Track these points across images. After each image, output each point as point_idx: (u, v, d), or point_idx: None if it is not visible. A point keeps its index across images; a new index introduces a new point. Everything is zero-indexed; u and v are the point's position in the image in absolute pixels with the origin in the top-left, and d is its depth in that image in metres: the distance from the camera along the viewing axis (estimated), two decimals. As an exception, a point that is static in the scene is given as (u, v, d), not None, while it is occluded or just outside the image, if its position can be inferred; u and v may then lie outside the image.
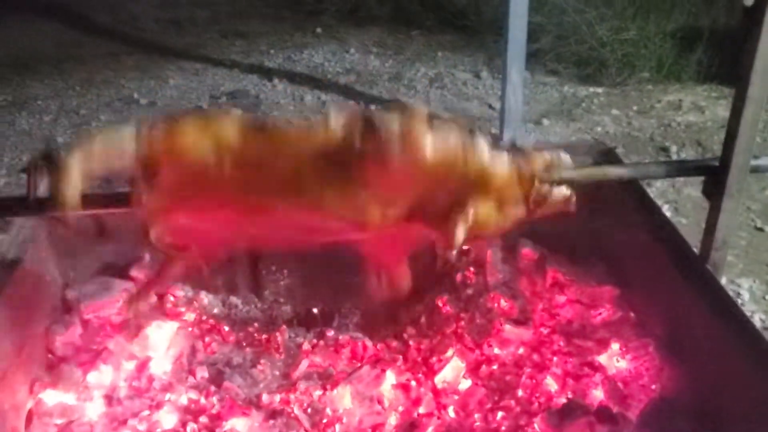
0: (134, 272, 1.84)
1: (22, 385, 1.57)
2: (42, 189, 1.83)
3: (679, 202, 3.35)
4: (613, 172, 1.51)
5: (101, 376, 1.63)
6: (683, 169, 1.52)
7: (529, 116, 4.13)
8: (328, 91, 4.54)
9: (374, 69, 4.87)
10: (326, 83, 4.65)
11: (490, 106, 4.33)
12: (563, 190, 1.33)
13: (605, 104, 4.35)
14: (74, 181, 1.22)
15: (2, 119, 4.18)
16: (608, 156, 1.88)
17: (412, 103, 1.31)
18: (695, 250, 1.61)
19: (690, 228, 3.18)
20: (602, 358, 1.65)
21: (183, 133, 1.21)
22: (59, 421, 1.53)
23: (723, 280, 1.71)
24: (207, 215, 1.27)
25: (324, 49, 5.16)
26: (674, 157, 3.82)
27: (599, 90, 4.50)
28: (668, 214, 3.19)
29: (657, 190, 3.35)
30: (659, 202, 3.19)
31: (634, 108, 4.30)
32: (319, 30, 5.48)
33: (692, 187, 3.40)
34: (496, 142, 1.28)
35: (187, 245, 1.33)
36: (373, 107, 4.30)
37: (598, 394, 1.57)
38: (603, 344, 1.66)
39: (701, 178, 1.47)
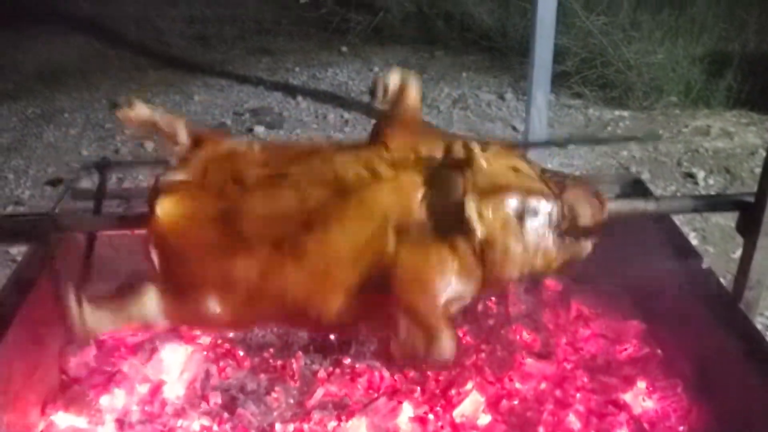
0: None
1: (34, 407, 1.55)
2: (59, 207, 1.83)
3: (706, 230, 3.28)
4: (643, 206, 1.47)
5: (114, 399, 1.60)
6: (716, 204, 1.47)
7: (553, 139, 4.08)
8: (351, 109, 4.53)
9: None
10: (349, 102, 4.65)
11: (514, 128, 4.29)
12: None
13: (631, 128, 4.29)
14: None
15: (30, 131, 4.23)
16: (636, 187, 1.83)
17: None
18: (722, 279, 1.56)
19: (718, 257, 3.11)
20: (627, 397, 1.59)
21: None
22: (70, 446, 1.51)
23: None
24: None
25: (348, 68, 5.17)
26: (701, 183, 3.75)
27: (625, 113, 4.44)
28: (695, 242, 3.12)
29: (684, 217, 3.28)
30: (686, 230, 3.12)
31: (661, 133, 4.23)
32: (344, 48, 5.49)
33: (720, 215, 3.32)
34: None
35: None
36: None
37: (622, 435, 1.51)
38: (628, 382, 1.61)
39: (730, 205, 1.42)
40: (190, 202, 1.26)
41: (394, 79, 1.34)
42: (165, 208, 1.25)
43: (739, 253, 3.28)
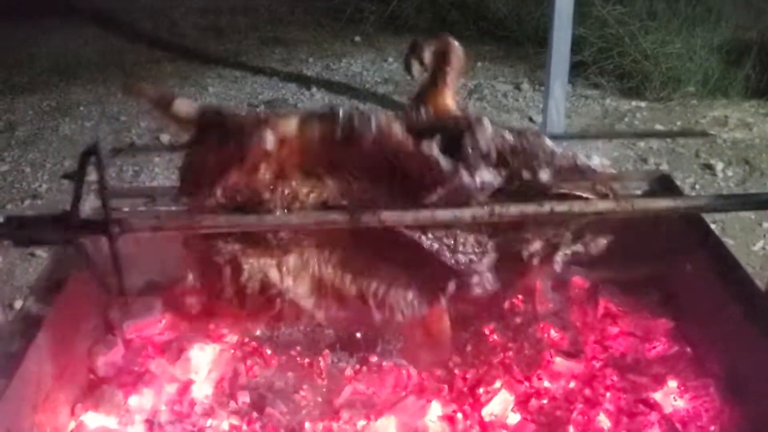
0: (177, 292, 1.82)
1: (64, 407, 1.56)
2: (86, 207, 1.82)
3: (726, 222, 3.25)
4: (672, 204, 1.45)
5: (142, 399, 1.61)
6: (749, 203, 1.44)
7: (570, 130, 4.05)
8: (366, 100, 4.51)
9: (412, 79, 4.82)
10: (364, 93, 4.63)
11: (531, 119, 4.26)
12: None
13: (648, 119, 4.26)
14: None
15: (46, 124, 4.23)
16: (664, 183, 1.81)
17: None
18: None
19: (738, 249, 3.08)
20: (658, 396, 1.58)
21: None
22: (101, 446, 1.51)
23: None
24: None
25: (362, 58, 5.14)
26: (719, 174, 3.72)
27: (642, 104, 4.41)
28: (715, 235, 3.10)
29: (704, 210, 3.26)
30: (706, 223, 3.10)
31: (679, 123, 4.20)
32: (357, 39, 5.46)
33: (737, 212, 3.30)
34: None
35: None
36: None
37: (654, 435, 1.51)
38: (658, 381, 1.60)
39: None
40: None
41: (432, 47, 1.21)
42: None
43: (759, 245, 3.26)
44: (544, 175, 1.19)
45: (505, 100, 4.51)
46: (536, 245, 1.26)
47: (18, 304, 2.42)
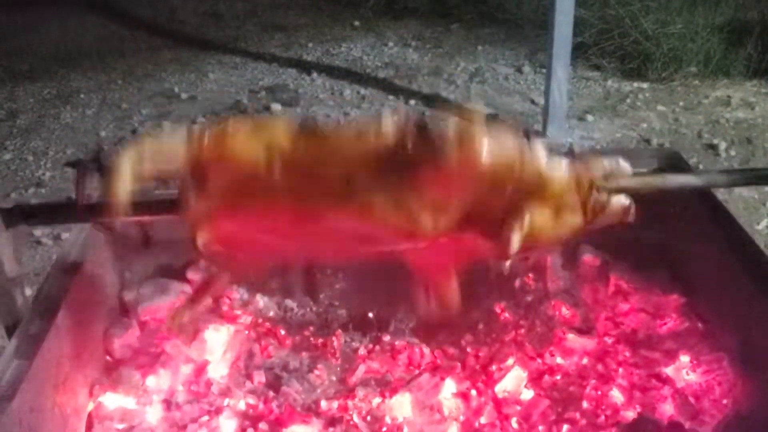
0: (190, 274, 1.83)
1: (83, 388, 1.57)
2: (91, 194, 1.83)
3: (729, 201, 3.25)
4: (683, 180, 1.46)
5: (160, 380, 1.62)
6: (759, 177, 1.45)
7: (572, 112, 4.05)
8: (367, 85, 4.51)
9: (413, 63, 4.83)
10: (365, 77, 4.62)
11: (533, 102, 4.26)
12: (622, 200, 1.26)
13: (650, 100, 4.26)
14: (125, 183, 1.17)
15: (47, 113, 4.22)
16: (674, 161, 1.82)
17: (469, 105, 1.23)
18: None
19: (742, 229, 3.11)
20: (669, 370, 1.60)
21: (234, 137, 1.19)
22: (120, 426, 1.53)
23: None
24: (256, 223, 1.24)
25: (362, 43, 5.13)
26: (723, 154, 3.73)
27: (644, 85, 4.41)
28: (720, 214, 3.11)
29: (708, 189, 3.26)
30: (710, 203, 3.11)
31: (681, 104, 4.21)
32: (356, 23, 5.45)
33: (743, 187, 3.31)
34: (553, 147, 1.23)
35: (234, 254, 1.29)
36: (413, 102, 4.27)
37: (667, 408, 1.52)
38: (670, 356, 1.61)
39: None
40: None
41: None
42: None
43: (763, 224, 3.27)
44: None
45: (506, 83, 4.51)
46: None
47: (26, 291, 2.43)
